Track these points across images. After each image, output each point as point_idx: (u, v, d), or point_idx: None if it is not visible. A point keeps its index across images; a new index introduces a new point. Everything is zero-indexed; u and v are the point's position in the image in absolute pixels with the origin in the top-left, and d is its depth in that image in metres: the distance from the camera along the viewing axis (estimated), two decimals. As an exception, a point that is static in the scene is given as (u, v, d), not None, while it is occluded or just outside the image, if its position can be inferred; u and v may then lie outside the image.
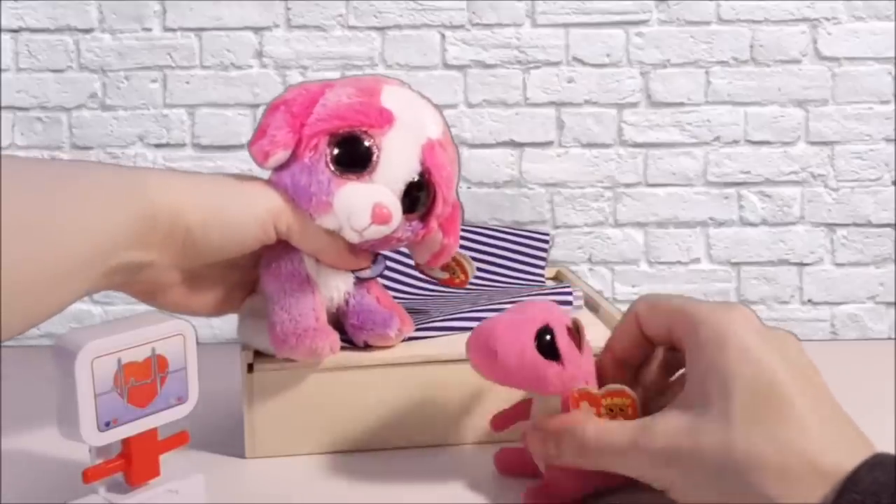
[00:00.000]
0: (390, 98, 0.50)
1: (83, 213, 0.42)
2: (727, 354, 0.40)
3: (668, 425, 0.41)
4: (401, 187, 0.50)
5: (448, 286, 0.61)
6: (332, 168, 0.49)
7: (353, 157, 0.49)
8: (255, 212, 0.49)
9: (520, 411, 0.50)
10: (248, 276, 0.53)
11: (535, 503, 0.47)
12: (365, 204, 0.48)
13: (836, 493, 0.35)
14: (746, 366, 0.39)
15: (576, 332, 0.46)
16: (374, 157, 0.49)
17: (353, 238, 0.50)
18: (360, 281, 0.54)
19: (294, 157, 0.49)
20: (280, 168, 0.50)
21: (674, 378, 0.49)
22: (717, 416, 0.39)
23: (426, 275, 0.60)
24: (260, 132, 0.50)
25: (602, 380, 0.47)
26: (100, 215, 0.43)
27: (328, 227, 0.50)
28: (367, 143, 0.49)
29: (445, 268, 0.58)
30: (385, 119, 0.49)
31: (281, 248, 0.51)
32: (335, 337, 0.52)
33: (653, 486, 0.42)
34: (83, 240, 0.42)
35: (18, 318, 0.41)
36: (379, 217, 0.48)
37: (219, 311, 0.54)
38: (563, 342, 0.46)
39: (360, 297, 0.55)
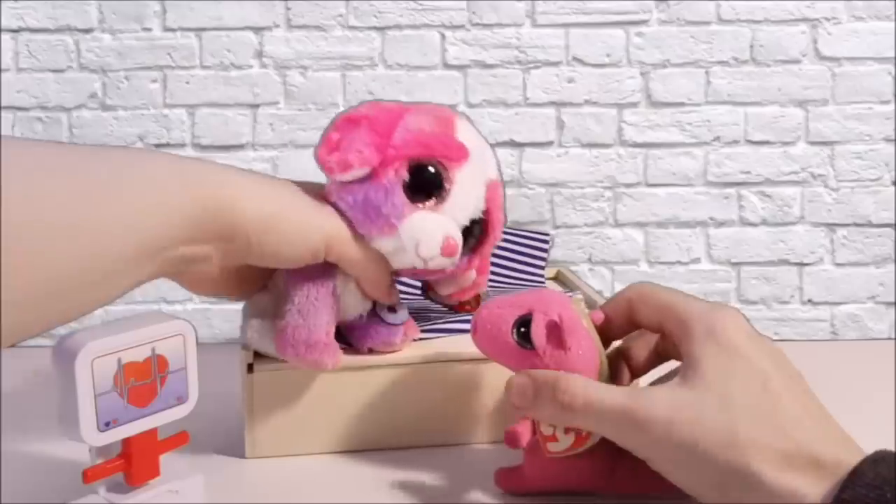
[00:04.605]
0: (463, 133, 0.51)
1: (133, 208, 0.42)
2: (721, 352, 0.41)
3: (669, 395, 0.41)
4: (465, 223, 0.50)
5: (457, 311, 0.60)
6: (408, 193, 0.49)
7: (428, 185, 0.49)
8: (311, 234, 0.48)
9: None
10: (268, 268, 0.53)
11: (506, 485, 0.49)
12: (437, 234, 0.49)
13: (840, 486, 0.35)
14: (741, 364, 0.41)
15: (558, 329, 0.46)
16: (447, 189, 0.49)
17: (416, 264, 0.50)
18: (382, 321, 0.54)
19: (371, 175, 0.49)
20: (351, 182, 0.49)
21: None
22: (718, 400, 0.40)
23: (434, 300, 0.59)
24: (331, 142, 0.49)
25: None
26: (151, 211, 0.42)
27: (384, 249, 0.50)
28: (443, 174, 0.49)
29: None
30: (462, 154, 0.50)
31: None
32: (340, 356, 0.52)
33: (633, 453, 0.42)
34: (133, 236, 0.42)
35: (62, 313, 0.41)
36: (448, 249, 0.49)
37: (237, 295, 0.54)
38: (539, 335, 0.46)
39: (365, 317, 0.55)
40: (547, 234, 0.78)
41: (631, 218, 0.87)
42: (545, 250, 0.77)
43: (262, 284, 0.54)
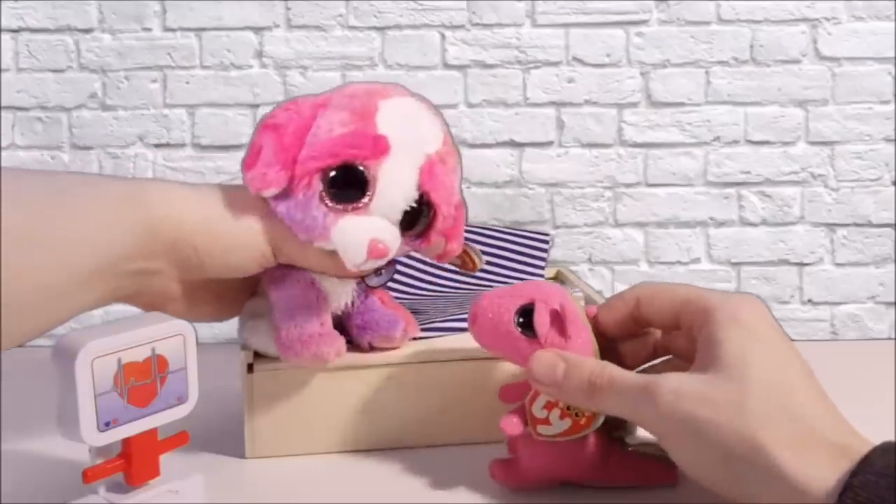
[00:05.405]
0: (386, 118, 0.48)
1: (84, 225, 0.43)
2: (742, 335, 0.41)
3: (682, 377, 0.42)
4: (398, 216, 0.48)
5: (462, 271, 0.60)
6: (328, 202, 0.47)
7: (348, 188, 0.47)
8: (256, 240, 0.49)
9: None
10: (248, 280, 0.53)
11: (501, 476, 0.49)
12: (361, 240, 0.47)
13: (850, 472, 0.35)
14: (760, 346, 0.41)
15: (559, 318, 0.47)
16: (370, 189, 0.47)
17: (351, 269, 0.49)
18: (368, 287, 0.54)
19: (288, 190, 0.48)
20: (275, 197, 0.48)
21: (658, 361, 0.50)
22: (732, 380, 0.40)
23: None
24: (252, 154, 0.48)
25: None
26: (101, 227, 0.43)
27: (328, 248, 0.49)
28: (361, 175, 0.47)
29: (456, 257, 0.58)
30: (380, 149, 0.47)
31: None
32: (341, 342, 0.51)
33: (651, 434, 0.43)
34: (85, 251, 0.42)
35: (21, 329, 0.41)
36: (375, 252, 0.47)
37: (221, 315, 0.54)
38: (542, 322, 0.46)
39: (363, 297, 0.55)
40: (547, 234, 0.78)
41: (631, 218, 0.87)
42: (545, 250, 0.77)
43: (243, 299, 0.54)
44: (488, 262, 0.75)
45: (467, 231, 0.75)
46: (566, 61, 0.85)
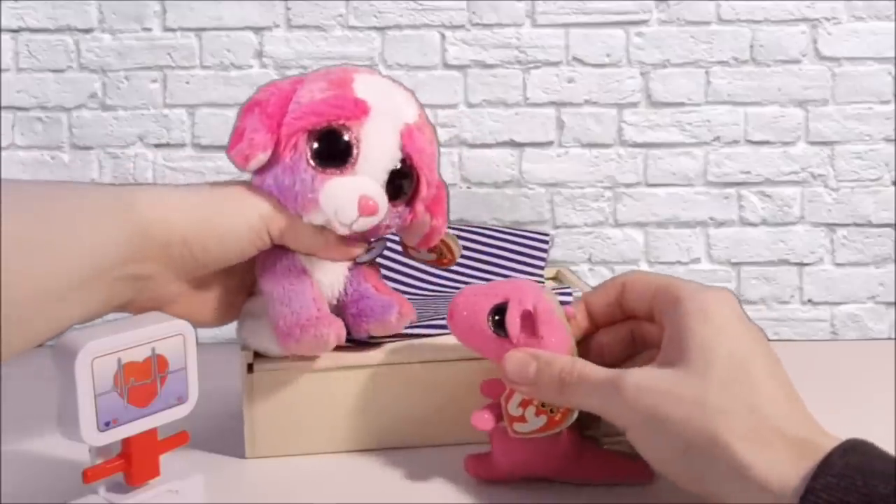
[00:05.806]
0: (363, 87, 0.50)
1: (76, 231, 0.43)
2: (709, 327, 0.42)
3: (646, 371, 0.42)
4: (384, 176, 0.50)
5: (436, 267, 0.60)
6: (314, 164, 0.49)
7: (334, 151, 0.49)
8: (247, 220, 0.49)
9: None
10: (246, 281, 0.53)
11: (476, 471, 0.50)
12: (351, 197, 0.48)
13: (811, 475, 0.36)
14: (726, 340, 0.41)
15: (532, 318, 0.47)
16: (355, 149, 0.49)
17: (343, 231, 0.50)
18: (359, 264, 0.54)
19: (274, 157, 0.49)
20: (262, 170, 0.50)
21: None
22: (695, 373, 0.40)
23: (415, 259, 0.59)
24: (237, 136, 0.50)
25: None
26: (92, 232, 0.43)
27: (317, 222, 0.50)
28: (345, 136, 0.49)
29: (433, 249, 0.58)
30: (361, 110, 0.49)
31: (274, 246, 0.51)
32: (339, 324, 0.51)
33: (616, 426, 0.43)
34: (78, 257, 0.42)
35: (19, 337, 0.41)
36: (366, 209, 0.48)
37: (221, 319, 0.54)
38: (513, 323, 0.47)
39: (357, 284, 0.54)
40: (546, 234, 0.78)
41: (631, 218, 0.87)
42: (545, 250, 0.77)
43: (241, 301, 0.54)
44: (488, 262, 0.75)
45: (466, 231, 0.76)
46: (566, 61, 0.85)
